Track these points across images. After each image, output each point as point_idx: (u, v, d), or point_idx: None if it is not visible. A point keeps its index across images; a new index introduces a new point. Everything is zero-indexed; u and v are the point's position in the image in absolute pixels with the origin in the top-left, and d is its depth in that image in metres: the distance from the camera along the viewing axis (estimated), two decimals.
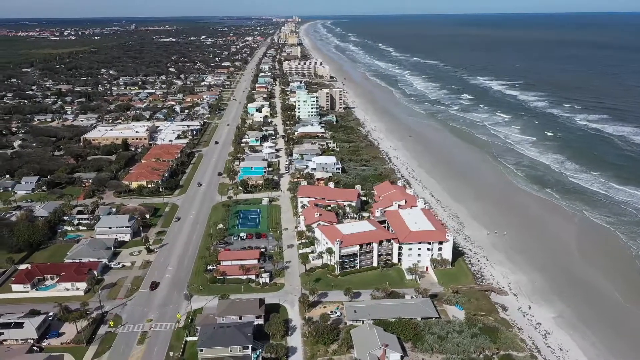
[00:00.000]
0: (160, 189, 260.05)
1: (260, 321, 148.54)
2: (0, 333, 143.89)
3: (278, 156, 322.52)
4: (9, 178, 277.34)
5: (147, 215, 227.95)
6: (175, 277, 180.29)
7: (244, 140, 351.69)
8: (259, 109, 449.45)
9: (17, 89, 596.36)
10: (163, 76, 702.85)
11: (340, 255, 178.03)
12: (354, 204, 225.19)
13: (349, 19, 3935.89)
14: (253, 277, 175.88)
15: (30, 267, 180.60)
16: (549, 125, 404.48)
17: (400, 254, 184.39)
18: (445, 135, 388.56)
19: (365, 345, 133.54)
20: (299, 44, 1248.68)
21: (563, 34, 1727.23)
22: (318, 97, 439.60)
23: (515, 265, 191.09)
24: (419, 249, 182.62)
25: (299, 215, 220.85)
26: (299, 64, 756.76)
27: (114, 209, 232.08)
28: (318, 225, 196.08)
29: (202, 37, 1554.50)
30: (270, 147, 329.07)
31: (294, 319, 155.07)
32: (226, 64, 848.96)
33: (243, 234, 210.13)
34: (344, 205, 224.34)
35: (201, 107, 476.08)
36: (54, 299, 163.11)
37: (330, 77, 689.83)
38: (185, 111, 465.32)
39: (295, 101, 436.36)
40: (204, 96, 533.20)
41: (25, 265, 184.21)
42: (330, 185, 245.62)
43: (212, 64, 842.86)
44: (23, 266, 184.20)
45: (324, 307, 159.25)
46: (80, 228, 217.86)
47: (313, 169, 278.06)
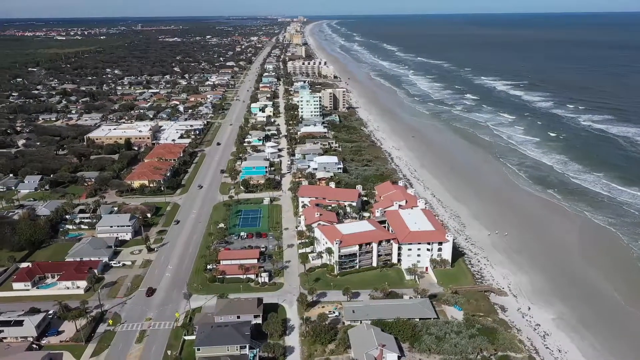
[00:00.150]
0: (162, 188, 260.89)
1: (259, 320, 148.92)
2: (0, 331, 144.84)
3: (280, 156, 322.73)
4: (13, 177, 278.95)
5: (149, 215, 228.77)
6: (175, 276, 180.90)
7: (246, 140, 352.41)
8: (262, 109, 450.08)
9: (23, 88, 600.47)
10: (167, 76, 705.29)
11: (339, 255, 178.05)
12: (354, 204, 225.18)
13: (355, 19, 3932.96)
14: (252, 277, 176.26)
15: (32, 266, 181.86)
16: (552, 126, 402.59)
17: (399, 254, 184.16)
18: (449, 136, 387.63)
19: (362, 345, 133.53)
20: (304, 43, 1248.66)
21: (569, 33, 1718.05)
22: (321, 97, 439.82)
23: (515, 266, 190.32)
24: (419, 249, 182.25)
25: (299, 215, 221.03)
26: (303, 63, 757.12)
27: (115, 208, 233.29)
28: (318, 225, 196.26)
29: (208, 37, 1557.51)
30: (272, 147, 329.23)
31: (292, 318, 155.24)
32: (230, 63, 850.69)
33: (243, 234, 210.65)
34: (344, 205, 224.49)
35: (205, 107, 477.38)
36: (54, 297, 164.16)
37: (334, 77, 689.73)
38: (189, 111, 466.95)
39: (299, 101, 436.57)
40: (208, 96, 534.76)
41: (27, 264, 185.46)
42: (331, 185, 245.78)
43: (217, 64, 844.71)
44: (24, 264, 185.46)
45: (323, 307, 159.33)
46: (82, 227, 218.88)
47: (314, 169, 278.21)
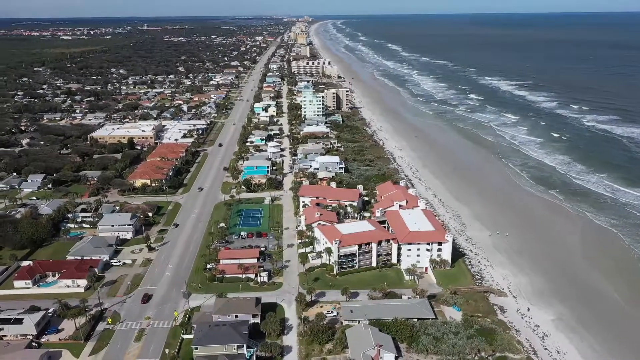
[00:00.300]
0: (163, 187, 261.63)
1: (257, 320, 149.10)
2: (0, 329, 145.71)
3: (282, 155, 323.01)
4: (16, 176, 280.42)
5: (150, 214, 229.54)
6: (175, 275, 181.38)
7: (249, 139, 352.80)
8: (266, 109, 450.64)
9: (28, 87, 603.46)
10: (172, 75, 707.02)
11: (338, 255, 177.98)
12: (355, 203, 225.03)
13: (360, 19, 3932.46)
14: (252, 276, 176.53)
15: (33, 264, 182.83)
16: (556, 126, 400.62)
17: (399, 255, 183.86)
18: (451, 136, 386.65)
19: (359, 345, 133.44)
20: (309, 43, 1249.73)
21: (573, 33, 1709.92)
22: (324, 97, 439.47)
23: (515, 267, 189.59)
24: (418, 249, 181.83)
25: (299, 215, 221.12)
26: (307, 63, 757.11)
27: (117, 207, 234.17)
28: (318, 224, 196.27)
29: (213, 37, 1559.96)
30: (274, 147, 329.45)
31: (290, 318, 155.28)
32: (235, 63, 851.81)
33: (244, 233, 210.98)
34: (345, 205, 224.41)
35: (208, 107, 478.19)
36: (54, 295, 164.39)
37: (338, 77, 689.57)
38: (193, 110, 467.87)
39: (302, 101, 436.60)
40: (212, 95, 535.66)
41: (28, 262, 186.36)
42: (332, 185, 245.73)
43: (221, 64, 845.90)
44: (26, 263, 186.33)
45: (321, 307, 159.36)
46: (84, 226, 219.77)
47: (316, 169, 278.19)
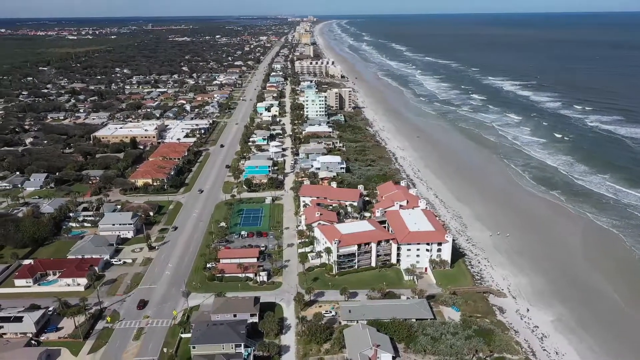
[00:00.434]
0: (165, 187, 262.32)
1: (255, 319, 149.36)
2: (0, 327, 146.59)
3: (284, 155, 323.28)
4: (19, 175, 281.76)
5: (151, 213, 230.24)
6: (175, 275, 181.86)
7: (251, 139, 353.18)
8: (268, 108, 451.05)
9: (33, 87, 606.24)
10: (176, 75, 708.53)
11: (338, 254, 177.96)
12: (355, 203, 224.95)
13: (365, 18, 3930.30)
14: (251, 276, 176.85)
15: (33, 263, 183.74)
16: (560, 127, 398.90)
17: (399, 255, 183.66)
18: (454, 136, 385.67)
19: (356, 345, 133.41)
20: (313, 43, 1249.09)
21: (578, 33, 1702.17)
22: (327, 97, 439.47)
23: (516, 268, 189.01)
24: (418, 249, 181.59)
25: (300, 215, 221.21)
26: (311, 63, 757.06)
27: (118, 207, 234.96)
28: (318, 224, 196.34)
29: (217, 37, 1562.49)
30: (276, 146, 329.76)
31: (289, 317, 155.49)
32: (239, 63, 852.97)
33: (244, 233, 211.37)
34: (345, 205, 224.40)
35: (211, 106, 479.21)
36: (55, 294, 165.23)
37: (341, 77, 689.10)
38: (196, 110, 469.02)
39: (304, 100, 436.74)
40: (215, 95, 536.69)
41: (29, 261, 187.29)
42: (333, 184, 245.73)
43: (225, 63, 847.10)
44: (27, 261, 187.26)
45: (320, 307, 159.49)
46: (85, 225, 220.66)
47: (317, 169, 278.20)
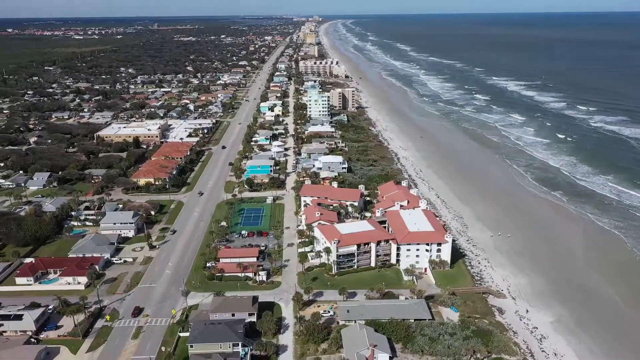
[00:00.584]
0: (167, 186, 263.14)
1: (253, 319, 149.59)
2: (0, 324, 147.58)
3: (286, 155, 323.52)
4: (22, 174, 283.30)
5: (152, 212, 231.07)
6: (175, 274, 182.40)
7: (253, 138, 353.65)
8: (272, 108, 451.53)
9: (38, 86, 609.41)
10: (180, 75, 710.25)
11: (337, 254, 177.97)
12: (356, 203, 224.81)
13: (370, 18, 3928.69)
14: (250, 275, 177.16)
15: (35, 261, 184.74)
16: (564, 127, 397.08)
17: (398, 255, 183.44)
18: (457, 136, 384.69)
19: (354, 345, 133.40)
20: (317, 43, 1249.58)
21: (582, 33, 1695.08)
22: (330, 97, 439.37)
23: (516, 268, 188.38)
24: (417, 249, 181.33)
25: (300, 214, 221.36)
26: (315, 63, 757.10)
27: (120, 206, 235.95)
28: (318, 224, 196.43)
29: (222, 37, 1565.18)
30: (279, 146, 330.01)
31: (287, 317, 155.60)
32: (243, 63, 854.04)
33: (244, 232, 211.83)
34: (346, 205, 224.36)
35: (215, 106, 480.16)
36: (55, 292, 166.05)
37: (345, 77, 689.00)
38: (199, 109, 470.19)
39: (307, 100, 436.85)
40: (219, 95, 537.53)
41: (30, 259, 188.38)
42: (334, 184, 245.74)
43: (230, 63, 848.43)
44: (28, 260, 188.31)
45: (318, 306, 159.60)
46: (87, 223, 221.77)
47: (319, 168, 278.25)
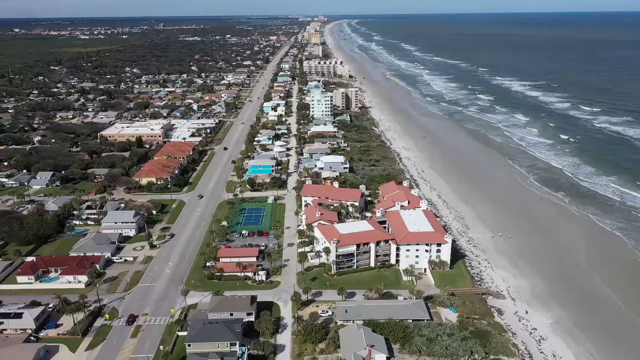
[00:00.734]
0: (168, 185, 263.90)
1: (251, 318, 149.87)
2: (0, 322, 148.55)
3: (288, 155, 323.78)
4: (26, 173, 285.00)
5: (154, 212, 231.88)
6: (175, 273, 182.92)
7: (256, 138, 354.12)
8: (275, 108, 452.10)
9: (44, 86, 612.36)
10: (185, 75, 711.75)
11: (336, 254, 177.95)
12: (357, 203, 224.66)
13: (375, 18, 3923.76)
14: (250, 275, 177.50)
15: (36, 260, 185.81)
16: (567, 128, 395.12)
17: (398, 255, 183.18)
18: (460, 137, 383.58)
19: (351, 345, 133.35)
20: (322, 43, 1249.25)
21: (591, 33, 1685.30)
22: (333, 97, 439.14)
23: (516, 269, 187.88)
24: (417, 250, 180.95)
25: (300, 214, 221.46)
26: (319, 63, 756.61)
27: (122, 205, 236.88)
28: (318, 224, 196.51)
29: (227, 37, 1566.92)
30: (281, 146, 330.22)
31: (286, 317, 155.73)
32: (247, 62, 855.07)
33: (245, 232, 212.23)
34: (347, 205, 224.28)
35: (218, 106, 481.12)
36: (56, 291, 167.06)
37: (349, 77, 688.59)
38: (203, 109, 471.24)
39: (310, 100, 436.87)
40: (222, 95, 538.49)
41: (32, 258, 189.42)
42: (335, 184, 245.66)
43: (234, 63, 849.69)
44: (30, 258, 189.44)
45: (317, 306, 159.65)
46: (89, 223, 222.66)
47: (320, 168, 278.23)
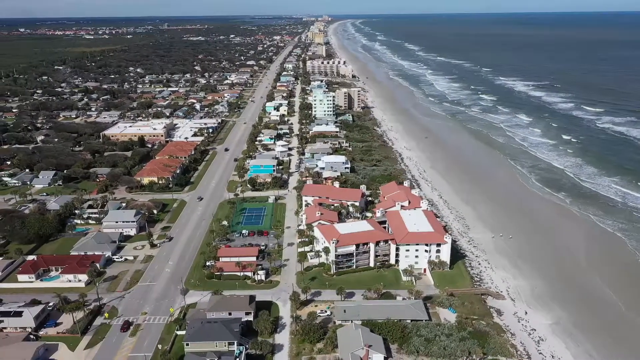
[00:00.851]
0: (170, 185, 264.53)
1: (250, 318, 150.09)
2: (0, 321, 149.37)
3: (290, 155, 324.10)
4: (28, 172, 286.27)
5: (155, 211, 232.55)
6: (175, 272, 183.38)
7: (258, 138, 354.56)
8: (277, 108, 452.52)
9: (48, 86, 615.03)
10: (188, 74, 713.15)
11: (336, 254, 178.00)
12: (357, 203, 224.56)
13: (380, 18, 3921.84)
14: (249, 274, 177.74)
15: (37, 259, 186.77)
16: (571, 128, 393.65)
17: (397, 255, 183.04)
18: (462, 137, 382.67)
19: (349, 345, 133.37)
20: (326, 43, 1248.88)
21: (595, 33, 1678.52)
22: (335, 97, 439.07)
23: (516, 270, 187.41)
24: (417, 250, 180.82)
25: (301, 214, 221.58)
26: (322, 63, 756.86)
27: (123, 204, 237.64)
28: (317, 224, 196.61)
29: (231, 36, 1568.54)
30: (282, 146, 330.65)
31: (284, 316, 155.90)
32: (251, 62, 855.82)
33: (245, 231, 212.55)
34: (347, 205, 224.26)
35: (221, 105, 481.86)
36: (56, 289, 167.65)
37: (352, 77, 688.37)
38: (205, 109, 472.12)
39: (312, 100, 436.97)
40: (225, 94, 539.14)
41: (33, 257, 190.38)
42: (336, 184, 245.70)
43: (237, 63, 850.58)
44: (31, 257, 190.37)
45: (316, 306, 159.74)
46: (90, 222, 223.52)
47: (322, 168, 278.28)
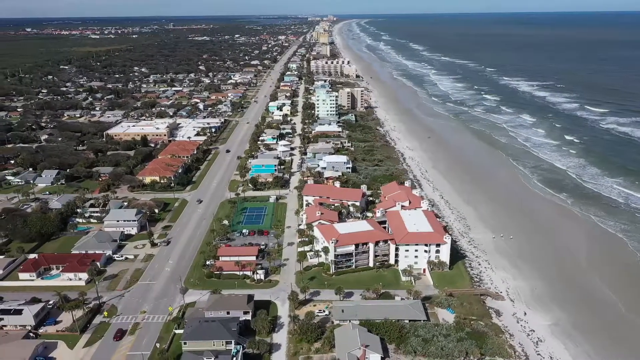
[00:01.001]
0: (172, 184, 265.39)
1: (248, 317, 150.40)
2: (0, 319, 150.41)
3: (292, 154, 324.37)
4: (32, 171, 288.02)
5: (156, 210, 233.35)
6: (174, 271, 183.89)
7: (260, 137, 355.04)
8: (280, 107, 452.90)
9: (53, 85, 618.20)
10: (192, 74, 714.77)
11: (335, 254, 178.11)
12: (358, 203, 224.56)
13: (385, 18, 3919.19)
14: (249, 274, 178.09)
15: (38, 257, 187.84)
16: (574, 128, 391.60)
17: (397, 255, 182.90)
18: (465, 137, 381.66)
19: (346, 344, 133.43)
20: (330, 42, 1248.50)
21: (600, 33, 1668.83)
22: (338, 96, 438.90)
23: (516, 270, 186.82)
24: (416, 250, 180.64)
25: (301, 214, 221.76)
26: (326, 62, 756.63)
27: (125, 203, 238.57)
28: (317, 224, 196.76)
29: (236, 36, 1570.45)
30: (285, 146, 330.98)
31: (283, 316, 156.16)
32: (255, 62, 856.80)
33: (245, 231, 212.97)
34: (347, 205, 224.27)
35: (224, 105, 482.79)
36: (56, 288, 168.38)
37: (356, 76, 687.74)
38: (209, 109, 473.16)
39: (315, 100, 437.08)
40: (229, 94, 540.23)
41: (34, 255, 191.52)
42: (337, 184, 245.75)
43: (242, 62, 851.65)
44: (32, 256, 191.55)
45: (314, 306, 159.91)
46: (91, 221, 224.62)
47: (323, 168, 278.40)
